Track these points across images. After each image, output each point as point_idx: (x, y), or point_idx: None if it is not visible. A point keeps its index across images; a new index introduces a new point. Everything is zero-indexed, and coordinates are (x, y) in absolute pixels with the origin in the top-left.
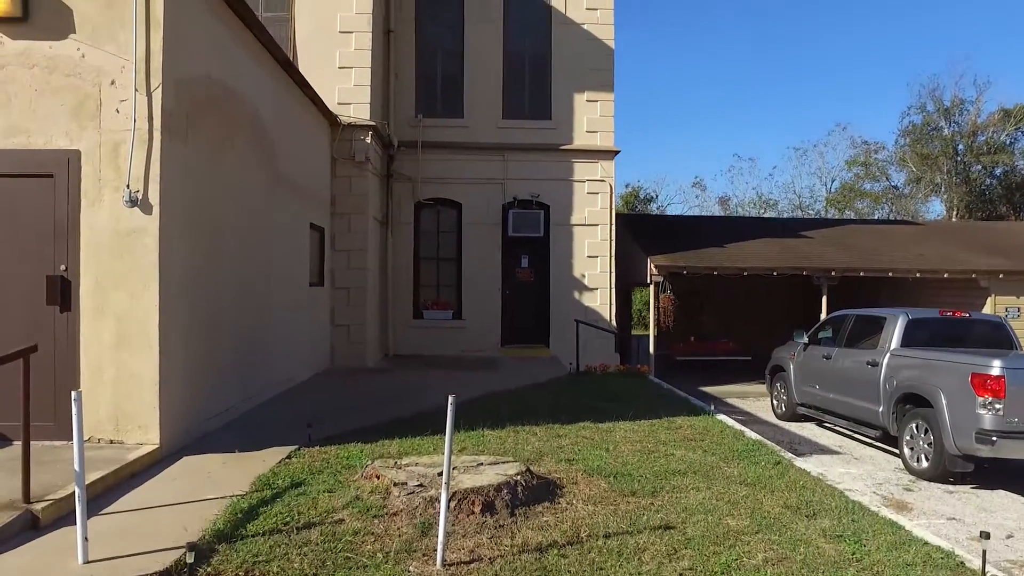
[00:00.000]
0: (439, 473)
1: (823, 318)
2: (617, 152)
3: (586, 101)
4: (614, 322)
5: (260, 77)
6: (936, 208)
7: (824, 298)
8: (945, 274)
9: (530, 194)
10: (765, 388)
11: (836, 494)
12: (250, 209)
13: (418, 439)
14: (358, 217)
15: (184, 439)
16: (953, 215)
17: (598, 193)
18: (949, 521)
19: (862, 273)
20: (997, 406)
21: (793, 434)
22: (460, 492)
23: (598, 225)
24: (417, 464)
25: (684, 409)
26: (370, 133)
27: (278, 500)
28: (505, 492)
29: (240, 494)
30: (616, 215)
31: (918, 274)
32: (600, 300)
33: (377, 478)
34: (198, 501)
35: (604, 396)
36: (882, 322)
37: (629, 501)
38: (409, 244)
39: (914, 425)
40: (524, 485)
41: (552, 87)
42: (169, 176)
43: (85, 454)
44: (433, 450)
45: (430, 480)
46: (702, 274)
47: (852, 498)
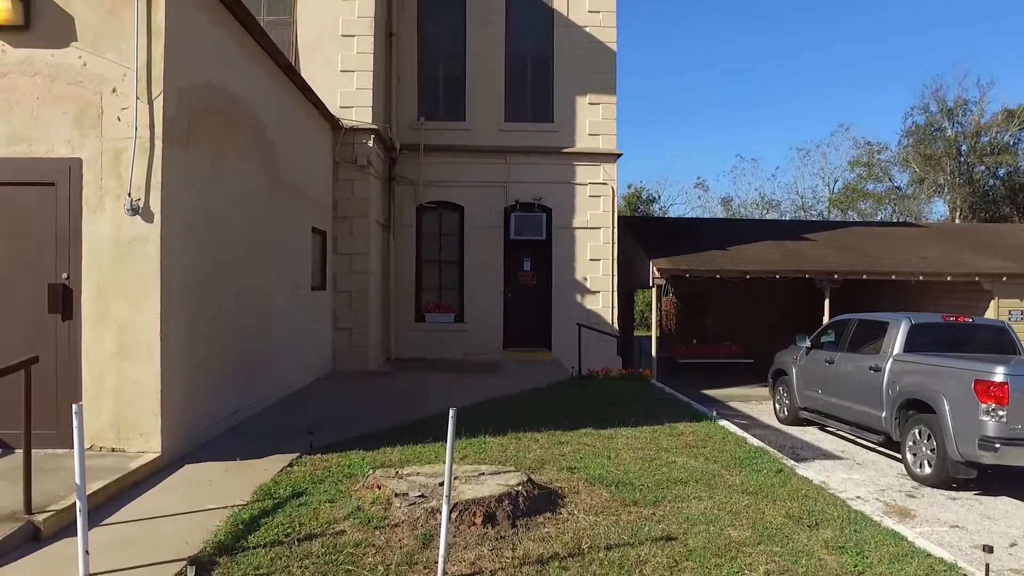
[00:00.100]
0: (440, 483)
1: (825, 322)
2: (619, 155)
3: (588, 104)
4: (616, 325)
5: (262, 83)
6: (939, 209)
7: (827, 301)
8: (948, 277)
9: (532, 197)
10: (768, 391)
11: (838, 503)
12: (252, 215)
13: (419, 446)
14: (360, 221)
15: (186, 447)
16: (956, 216)
17: (600, 196)
18: (952, 529)
19: (865, 276)
20: (1000, 413)
21: (795, 438)
22: (461, 503)
23: (600, 228)
24: (419, 474)
25: (686, 414)
26: (372, 136)
27: (279, 510)
28: (506, 503)
29: (241, 504)
30: (618, 217)
31: (921, 277)
32: (602, 303)
33: (378, 488)
34: (200, 511)
35: (606, 401)
36: (885, 327)
37: (631, 511)
38: (411, 247)
39: (917, 431)
40: (525, 495)
41: (554, 90)
42: (170, 184)
43: (87, 463)
44: (435, 458)
45: (431, 490)
46: (704, 277)
47: (854, 507)
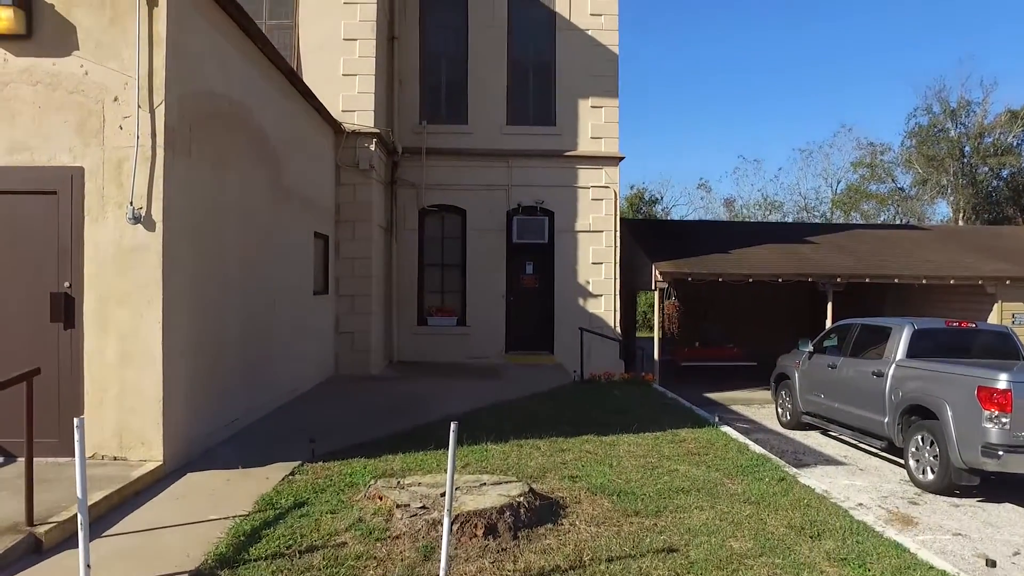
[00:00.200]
0: (442, 493)
1: (828, 326)
2: (621, 158)
3: (590, 107)
4: (618, 328)
5: (264, 89)
6: (942, 210)
7: (830, 304)
8: (951, 280)
9: (534, 200)
10: (770, 395)
11: (841, 513)
12: (254, 220)
13: (421, 454)
14: (362, 225)
15: (188, 455)
16: (960, 217)
17: (602, 199)
18: (955, 537)
19: (868, 279)
20: (1004, 420)
21: (798, 443)
22: (463, 515)
23: (602, 231)
24: (420, 484)
25: (688, 420)
26: (374, 140)
27: (281, 521)
28: (508, 514)
29: (243, 514)
30: (620, 219)
31: (924, 280)
32: (605, 306)
33: (380, 499)
34: (201, 522)
35: (608, 406)
36: (887, 332)
37: (632, 522)
38: (413, 251)
39: (920, 437)
40: (527, 507)
41: (556, 93)
42: (172, 192)
43: (89, 471)
44: (436, 466)
45: (433, 501)
46: (707, 280)
47: (857, 517)
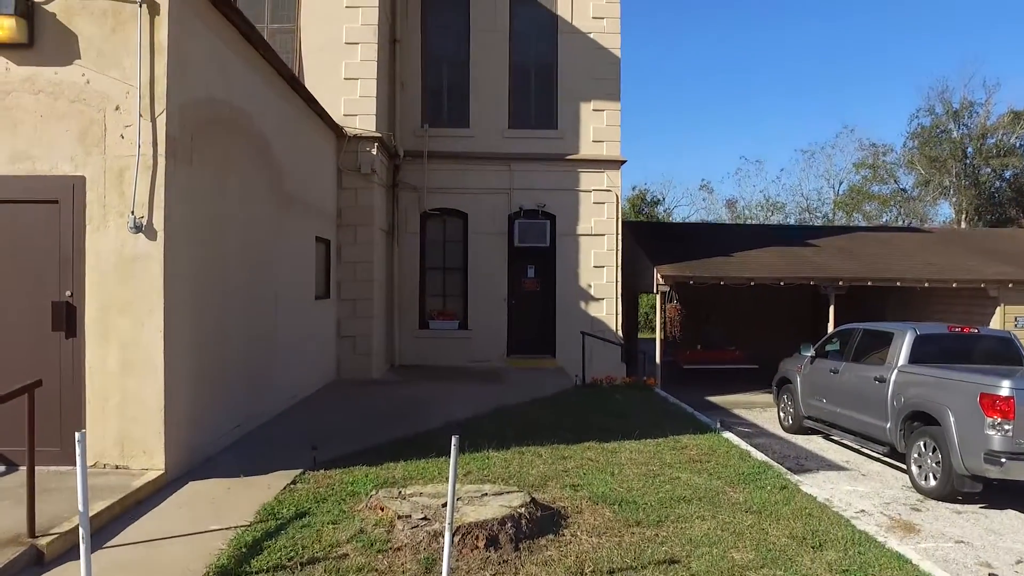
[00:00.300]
0: (443, 504)
1: (830, 330)
2: (623, 162)
3: (592, 110)
4: (620, 331)
5: (266, 95)
6: (945, 211)
7: (831, 308)
8: (954, 283)
9: (536, 204)
10: (772, 398)
11: (843, 522)
12: (256, 227)
13: (423, 461)
14: (364, 228)
15: (189, 463)
16: (962, 218)
17: (604, 203)
18: (957, 545)
19: (870, 283)
20: (1006, 427)
21: (800, 448)
22: (464, 527)
23: (604, 235)
24: (421, 494)
25: (690, 426)
26: (376, 144)
27: (282, 532)
28: (509, 525)
29: (245, 525)
30: (622, 222)
31: (927, 284)
32: (606, 310)
33: (381, 510)
34: (203, 533)
35: (610, 412)
36: (890, 337)
37: (634, 532)
38: (415, 254)
39: (922, 443)
40: (528, 517)
41: (558, 96)
42: (173, 201)
43: (90, 481)
44: (438, 474)
45: (434, 512)
46: (709, 283)
47: (859, 527)
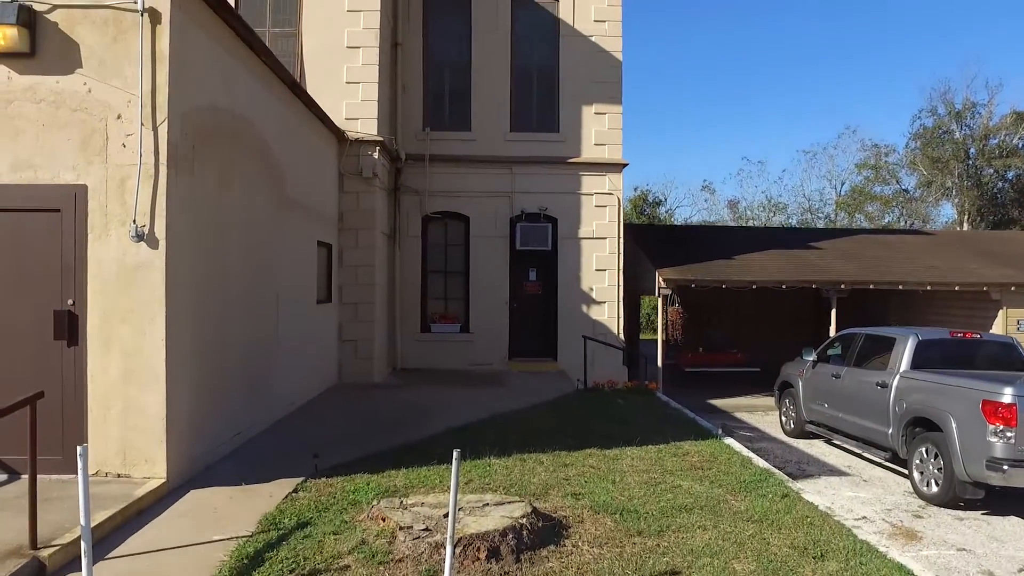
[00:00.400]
0: (445, 515)
1: (832, 334)
2: (625, 165)
3: (594, 113)
4: (622, 335)
5: (267, 101)
6: (947, 212)
7: (833, 311)
8: (956, 286)
9: (538, 207)
10: (773, 402)
11: (844, 532)
12: (257, 233)
13: (424, 469)
14: (366, 232)
15: (191, 471)
16: (964, 219)
17: (606, 206)
18: (959, 552)
19: (872, 286)
20: (1008, 434)
21: (801, 452)
22: (465, 538)
23: (606, 238)
24: (423, 504)
25: (692, 432)
26: (377, 148)
27: (284, 543)
28: (511, 536)
29: (246, 535)
30: (624, 224)
31: (929, 287)
32: (608, 313)
33: (383, 520)
34: (204, 543)
35: (611, 417)
36: (892, 342)
37: (635, 542)
38: (417, 258)
39: (924, 449)
40: (530, 528)
41: (560, 99)
42: (175, 210)
43: (92, 489)
44: (439, 482)
45: (436, 523)
46: (710, 286)
47: (861, 536)
